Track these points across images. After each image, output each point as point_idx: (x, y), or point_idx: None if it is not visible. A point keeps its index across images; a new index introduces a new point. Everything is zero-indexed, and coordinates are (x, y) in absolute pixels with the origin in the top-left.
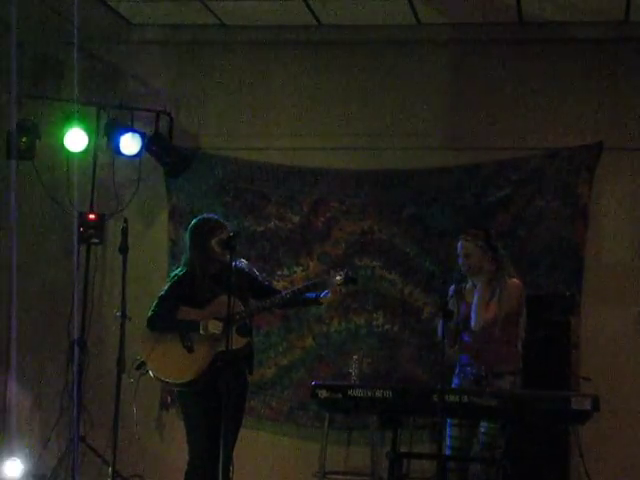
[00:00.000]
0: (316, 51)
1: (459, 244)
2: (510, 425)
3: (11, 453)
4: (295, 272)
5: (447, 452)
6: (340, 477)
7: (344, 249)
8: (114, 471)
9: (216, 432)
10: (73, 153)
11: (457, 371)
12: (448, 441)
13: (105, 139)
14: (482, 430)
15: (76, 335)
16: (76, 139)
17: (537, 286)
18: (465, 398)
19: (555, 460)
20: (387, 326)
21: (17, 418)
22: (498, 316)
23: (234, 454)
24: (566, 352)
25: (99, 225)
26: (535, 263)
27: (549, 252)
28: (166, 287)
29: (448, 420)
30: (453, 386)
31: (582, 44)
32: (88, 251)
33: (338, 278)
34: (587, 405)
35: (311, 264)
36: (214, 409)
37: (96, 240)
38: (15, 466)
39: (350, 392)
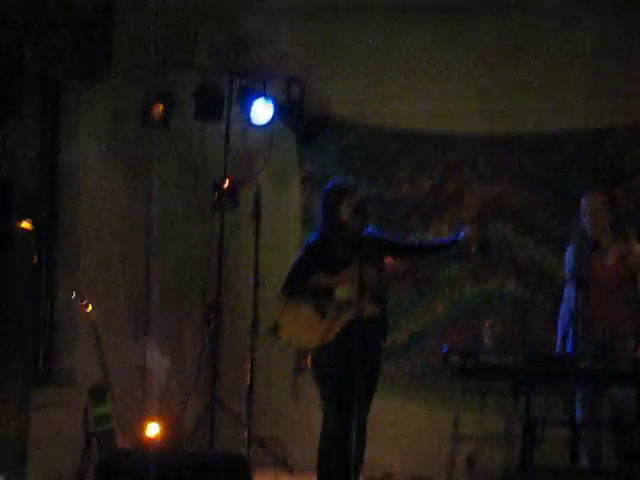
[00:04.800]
0: (447, 16)
1: (585, 201)
2: None
3: (151, 415)
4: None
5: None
6: (473, 441)
7: (477, 213)
8: (250, 433)
9: (350, 397)
10: (206, 122)
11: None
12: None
13: (238, 107)
14: (615, 394)
15: (212, 300)
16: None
17: None
18: (599, 365)
19: None
20: (520, 291)
21: (156, 381)
22: (622, 275)
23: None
24: None
25: (233, 192)
26: None
27: None
28: (300, 253)
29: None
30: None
31: None
32: (222, 218)
33: (474, 249)
34: None
35: (443, 229)
36: (347, 375)
37: (230, 205)
38: (155, 428)
39: (482, 358)
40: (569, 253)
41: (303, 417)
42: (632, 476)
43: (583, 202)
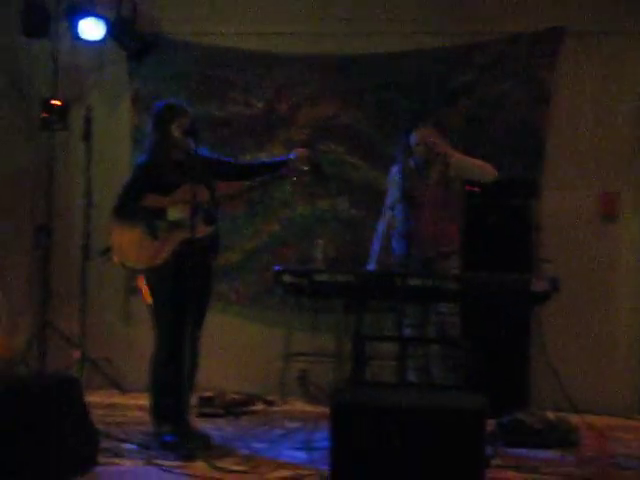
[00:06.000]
0: None
1: (413, 137)
2: (471, 307)
3: None
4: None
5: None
6: (305, 358)
7: (308, 134)
8: (83, 354)
9: (182, 317)
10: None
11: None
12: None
13: (66, 24)
14: (441, 310)
15: (41, 221)
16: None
17: (499, 170)
18: (428, 282)
19: (516, 342)
20: (352, 211)
21: None
22: (445, 194)
23: (201, 338)
24: (527, 235)
25: (63, 111)
26: (497, 147)
27: (511, 136)
28: (131, 175)
29: None
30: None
31: None
32: (52, 137)
33: (305, 169)
34: (546, 286)
35: (275, 150)
36: (180, 295)
37: (60, 126)
38: None
39: (314, 277)
40: (393, 174)
41: (135, 338)
42: (456, 389)
43: (412, 137)
